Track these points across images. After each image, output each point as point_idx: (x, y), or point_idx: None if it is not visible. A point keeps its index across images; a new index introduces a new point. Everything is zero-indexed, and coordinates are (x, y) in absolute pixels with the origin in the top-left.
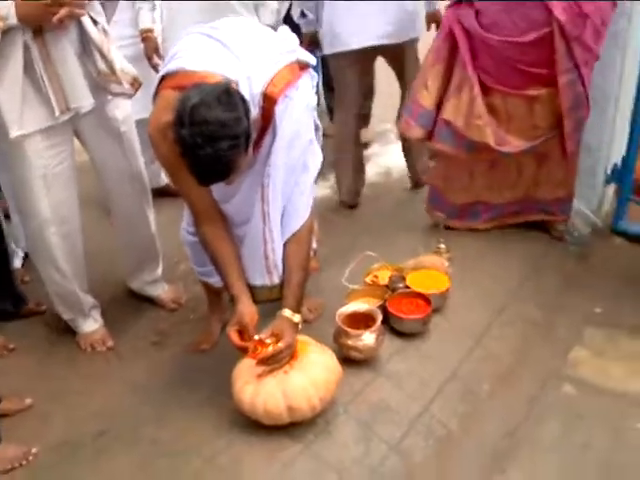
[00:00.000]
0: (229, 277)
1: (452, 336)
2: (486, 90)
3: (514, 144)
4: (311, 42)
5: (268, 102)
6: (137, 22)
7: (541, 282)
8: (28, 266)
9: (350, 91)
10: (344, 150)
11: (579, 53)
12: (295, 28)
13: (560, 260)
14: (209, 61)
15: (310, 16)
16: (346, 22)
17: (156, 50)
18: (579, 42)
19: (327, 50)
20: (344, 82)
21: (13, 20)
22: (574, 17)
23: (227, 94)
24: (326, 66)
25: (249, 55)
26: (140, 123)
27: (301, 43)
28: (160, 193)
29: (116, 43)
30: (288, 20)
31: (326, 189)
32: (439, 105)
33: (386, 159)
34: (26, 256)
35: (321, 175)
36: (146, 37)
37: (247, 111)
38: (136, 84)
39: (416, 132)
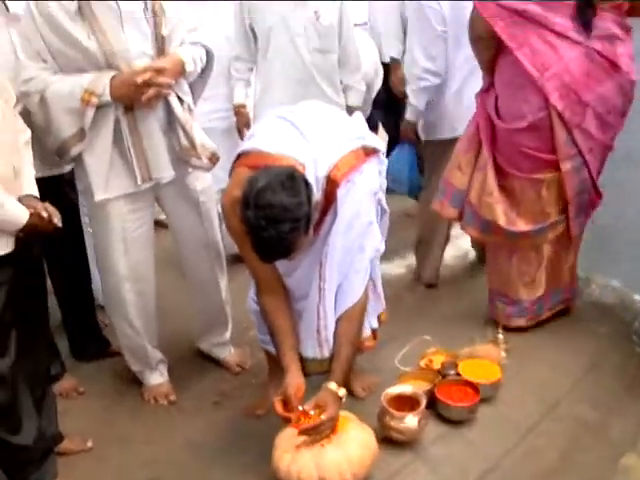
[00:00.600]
0: (282, 347)
1: (498, 427)
2: (500, 172)
3: (522, 226)
4: (409, 131)
5: (331, 185)
6: (231, 97)
7: (599, 381)
8: None
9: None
10: (432, 229)
11: (582, 140)
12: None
13: (623, 360)
14: (281, 143)
15: (420, 108)
16: (453, 112)
17: (247, 124)
18: (580, 130)
19: (431, 136)
20: (438, 165)
21: (107, 97)
22: (572, 105)
23: (292, 179)
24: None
25: (318, 139)
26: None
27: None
28: (236, 259)
29: (211, 116)
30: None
31: (401, 268)
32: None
33: (464, 241)
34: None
35: (398, 253)
36: (239, 112)
37: (310, 195)
38: (214, 159)
39: (450, 212)
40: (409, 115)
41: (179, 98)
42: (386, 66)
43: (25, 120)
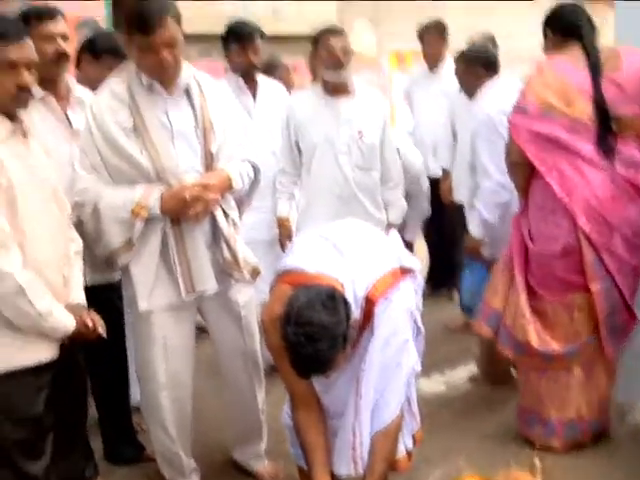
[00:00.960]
0: (313, 463)
1: None
2: (533, 294)
3: (555, 347)
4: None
5: (369, 304)
6: (275, 209)
7: None
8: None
9: None
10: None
11: (610, 262)
12: None
13: None
14: (321, 262)
15: (492, 223)
16: None
17: (290, 237)
18: (608, 252)
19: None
20: None
21: (156, 211)
22: (599, 227)
23: (332, 299)
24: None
25: (357, 260)
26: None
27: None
28: (273, 370)
29: (254, 227)
30: None
31: (440, 385)
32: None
33: None
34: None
35: (437, 369)
36: (282, 224)
37: (348, 315)
38: (255, 274)
39: (486, 332)
40: (477, 231)
41: (225, 213)
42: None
43: (77, 230)
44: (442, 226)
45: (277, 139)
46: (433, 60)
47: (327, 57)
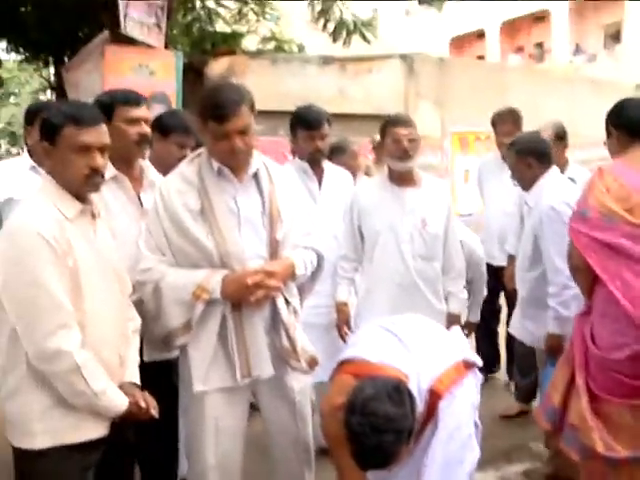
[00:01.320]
0: None
1: None
2: (594, 396)
3: (621, 452)
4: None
5: (433, 398)
6: (334, 294)
7: None
8: None
9: None
10: None
11: None
12: None
13: None
14: (385, 354)
15: (570, 316)
16: None
17: (347, 322)
18: None
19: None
20: None
21: (217, 295)
22: None
23: (397, 391)
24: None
25: (421, 352)
26: (319, 385)
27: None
28: (323, 453)
29: (312, 311)
30: None
31: None
32: (564, 404)
33: None
34: None
35: (491, 463)
36: (340, 309)
37: (414, 407)
38: (313, 363)
39: (544, 424)
40: (555, 327)
41: (286, 300)
42: (489, 266)
43: (137, 308)
44: (494, 311)
45: (340, 224)
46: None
47: (394, 147)
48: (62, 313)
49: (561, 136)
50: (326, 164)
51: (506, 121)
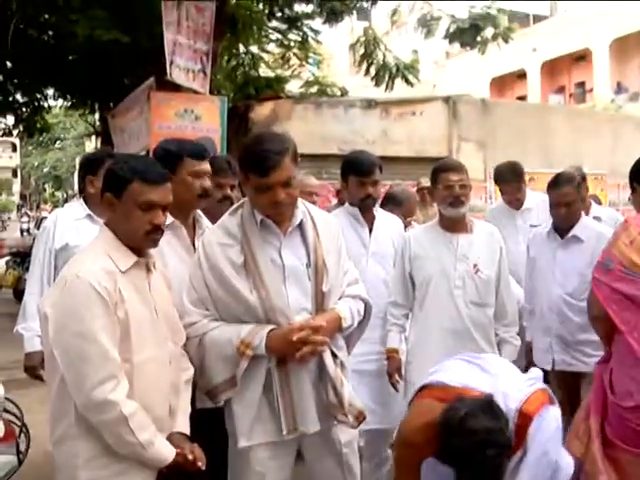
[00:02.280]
0: None
1: None
2: (608, 442)
3: None
4: None
5: (523, 419)
6: (385, 341)
7: None
8: None
9: None
10: None
11: None
12: None
13: None
14: (467, 378)
15: None
16: None
17: (398, 370)
18: None
19: None
20: None
21: (262, 351)
22: None
23: (490, 405)
24: None
25: (505, 375)
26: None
27: None
28: None
29: (362, 358)
30: None
31: None
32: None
33: None
34: None
35: None
36: (391, 356)
37: (507, 422)
38: (360, 417)
39: None
40: None
41: (333, 353)
42: None
43: None
44: None
45: (390, 270)
46: (513, 206)
47: (445, 193)
48: (110, 364)
49: (584, 178)
50: (379, 212)
51: (508, 179)
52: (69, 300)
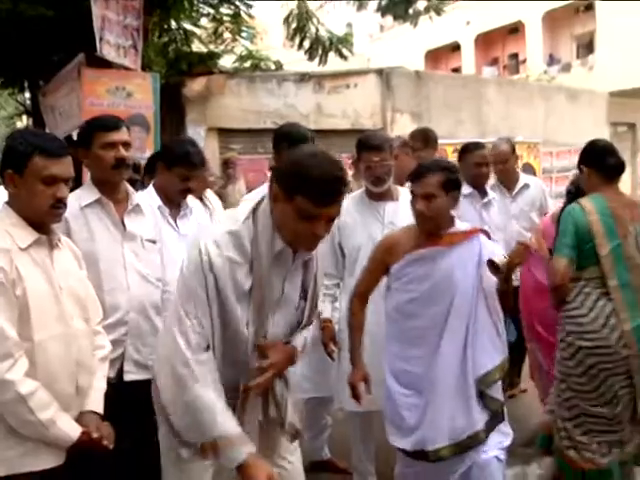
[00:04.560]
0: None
1: None
2: None
3: None
4: None
5: None
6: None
7: None
8: None
9: None
10: None
11: None
12: None
13: None
14: None
15: None
16: None
17: (332, 339)
18: None
19: None
20: None
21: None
22: None
23: None
24: None
25: None
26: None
27: None
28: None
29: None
30: None
31: None
32: None
33: None
34: None
35: None
36: (325, 326)
37: None
38: (297, 436)
39: None
40: None
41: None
42: None
43: None
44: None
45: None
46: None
47: (367, 173)
48: (6, 343)
49: (514, 149)
50: None
51: (417, 140)
52: None
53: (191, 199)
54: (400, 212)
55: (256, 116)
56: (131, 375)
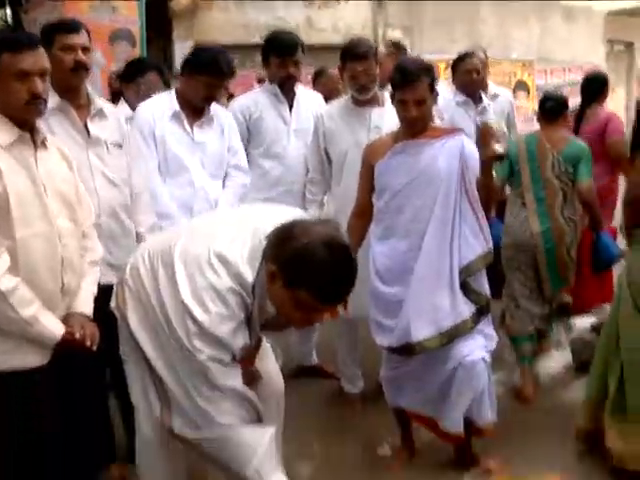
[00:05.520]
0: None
1: None
2: None
3: None
4: None
5: None
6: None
7: None
8: None
9: None
10: None
11: None
12: None
13: None
14: None
15: None
16: None
17: None
18: None
19: None
20: None
21: None
22: None
23: None
24: None
25: None
26: None
27: None
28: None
29: None
30: None
31: None
32: None
33: None
34: None
35: None
36: None
37: None
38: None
39: None
40: None
41: None
42: None
43: None
44: None
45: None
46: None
47: (351, 82)
48: None
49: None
50: (299, 89)
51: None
52: None
53: (216, 107)
54: (386, 116)
55: (244, 31)
56: (105, 277)
